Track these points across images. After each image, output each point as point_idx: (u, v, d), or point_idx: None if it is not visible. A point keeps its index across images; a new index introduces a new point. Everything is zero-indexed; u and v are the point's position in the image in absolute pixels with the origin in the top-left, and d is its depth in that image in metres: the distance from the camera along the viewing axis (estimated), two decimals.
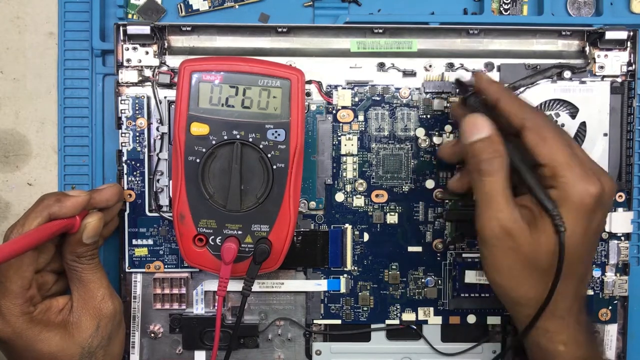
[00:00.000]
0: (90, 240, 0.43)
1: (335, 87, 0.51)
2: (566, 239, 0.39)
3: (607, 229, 0.51)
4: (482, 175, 0.41)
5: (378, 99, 0.51)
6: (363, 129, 0.51)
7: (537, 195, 0.39)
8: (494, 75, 0.51)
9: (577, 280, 0.41)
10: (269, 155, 0.44)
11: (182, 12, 0.53)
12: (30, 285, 0.42)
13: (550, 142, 0.40)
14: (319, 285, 0.51)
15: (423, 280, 0.52)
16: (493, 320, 0.52)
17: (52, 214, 0.41)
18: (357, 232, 0.51)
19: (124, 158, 0.50)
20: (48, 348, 0.42)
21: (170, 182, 0.49)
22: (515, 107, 0.42)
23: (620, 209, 0.51)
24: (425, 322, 0.52)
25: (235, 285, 0.50)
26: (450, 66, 0.51)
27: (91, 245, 0.44)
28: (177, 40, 0.51)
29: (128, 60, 0.49)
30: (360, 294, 0.52)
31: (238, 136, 0.44)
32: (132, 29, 0.49)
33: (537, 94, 0.50)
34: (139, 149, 0.50)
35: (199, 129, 0.44)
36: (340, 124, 0.51)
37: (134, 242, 0.50)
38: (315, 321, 0.52)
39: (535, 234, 0.40)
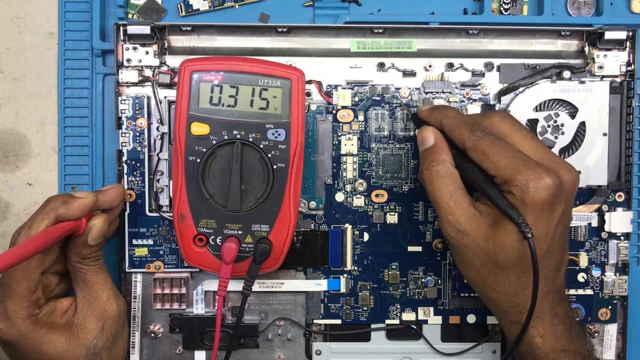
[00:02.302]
0: (96, 242, 0.44)
1: (335, 87, 0.51)
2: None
3: (607, 228, 0.51)
4: (427, 184, 0.43)
5: (378, 99, 0.51)
6: (363, 129, 0.51)
7: (498, 206, 0.40)
8: (494, 75, 0.51)
9: (549, 274, 0.42)
10: (269, 155, 0.44)
11: (182, 12, 0.53)
12: (37, 288, 0.42)
13: (490, 154, 0.41)
14: (319, 285, 0.51)
15: (423, 280, 0.52)
16: (493, 320, 0.52)
17: (59, 216, 0.41)
18: (357, 232, 0.51)
19: (124, 158, 0.50)
20: (53, 349, 0.42)
21: (171, 182, 0.49)
22: (455, 129, 0.43)
23: (619, 209, 0.51)
24: (425, 322, 0.52)
25: (235, 285, 0.50)
26: (450, 66, 0.51)
27: (96, 246, 0.44)
28: (177, 40, 0.51)
29: (128, 60, 0.49)
30: (360, 293, 0.52)
31: (238, 136, 0.44)
32: (132, 29, 0.49)
33: (536, 94, 0.50)
34: (139, 149, 0.50)
35: (199, 128, 0.44)
36: (340, 124, 0.51)
37: (134, 242, 0.50)
38: (315, 321, 0.52)
39: (496, 231, 0.40)
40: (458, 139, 0.43)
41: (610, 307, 0.52)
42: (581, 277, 0.52)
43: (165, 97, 0.50)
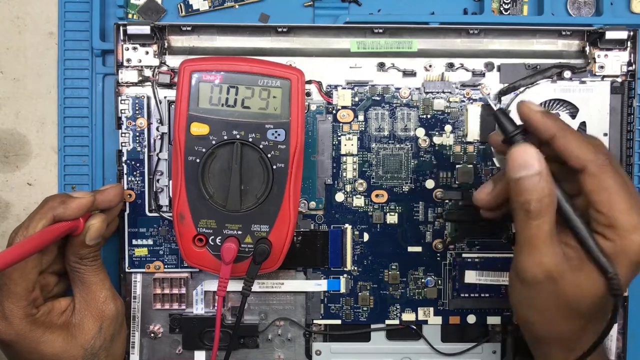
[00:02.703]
0: (94, 242, 0.44)
1: (335, 87, 0.51)
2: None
3: None
4: (529, 218, 0.37)
5: (378, 99, 0.51)
6: (363, 129, 0.51)
7: (592, 253, 0.37)
8: (494, 75, 0.51)
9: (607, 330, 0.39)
10: (269, 155, 0.44)
11: (182, 12, 0.53)
12: (34, 288, 0.42)
13: (612, 191, 0.36)
14: (319, 285, 0.51)
15: (423, 280, 0.52)
16: (493, 320, 0.52)
17: (57, 216, 0.41)
18: (357, 232, 0.51)
19: (124, 158, 0.50)
20: (51, 350, 0.42)
21: (170, 182, 0.49)
22: (575, 146, 0.38)
23: None
24: (425, 322, 0.52)
25: (235, 285, 0.50)
26: (450, 66, 0.51)
27: (94, 246, 0.44)
28: (177, 40, 0.51)
29: (128, 60, 0.49)
30: (360, 294, 0.52)
31: (238, 136, 0.44)
32: (132, 29, 0.48)
33: (537, 94, 0.50)
34: (139, 149, 0.50)
35: (199, 129, 0.44)
36: (340, 124, 0.51)
37: (134, 242, 0.50)
38: (315, 321, 0.52)
39: (578, 277, 0.37)
40: (576, 159, 0.37)
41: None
42: None
43: (165, 97, 0.50)
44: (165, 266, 0.51)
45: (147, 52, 0.49)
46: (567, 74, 0.50)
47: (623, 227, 0.36)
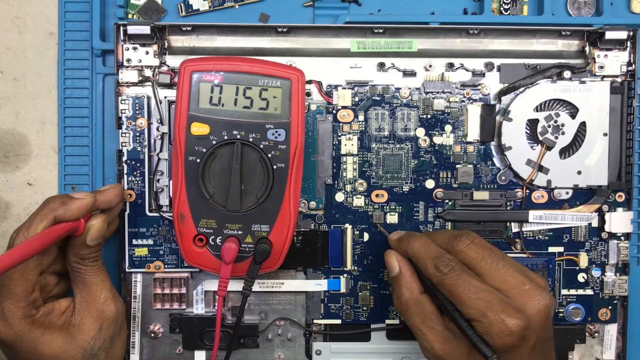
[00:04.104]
0: (94, 242, 0.44)
1: (335, 87, 0.51)
2: None
3: (606, 228, 0.51)
4: (400, 313, 0.44)
5: (378, 99, 0.51)
6: (363, 129, 0.51)
7: (470, 340, 0.39)
8: (494, 75, 0.51)
9: None
10: (269, 155, 0.44)
11: (182, 12, 0.53)
12: (34, 289, 0.42)
13: (454, 293, 0.40)
14: (319, 285, 0.51)
15: None
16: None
17: (58, 217, 0.41)
18: (357, 232, 0.51)
19: (124, 158, 0.50)
20: (50, 350, 0.42)
21: (170, 182, 0.49)
22: (420, 262, 0.43)
23: (620, 209, 0.51)
24: None
25: (235, 285, 0.50)
26: (450, 66, 0.51)
27: (95, 247, 0.44)
28: (177, 40, 0.51)
29: (128, 60, 0.49)
30: (360, 293, 0.52)
31: (238, 136, 0.44)
32: (132, 29, 0.49)
33: (537, 94, 0.50)
34: (139, 149, 0.50)
35: (199, 129, 0.44)
36: (340, 124, 0.51)
37: (134, 242, 0.50)
38: (315, 321, 0.52)
39: (473, 353, 0.40)
40: (424, 272, 0.43)
41: (610, 307, 0.52)
42: (581, 277, 0.52)
43: (165, 97, 0.50)
44: (166, 266, 0.51)
45: (147, 52, 0.49)
46: (567, 74, 0.50)
47: (477, 321, 0.39)
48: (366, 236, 0.51)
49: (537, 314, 0.39)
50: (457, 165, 0.51)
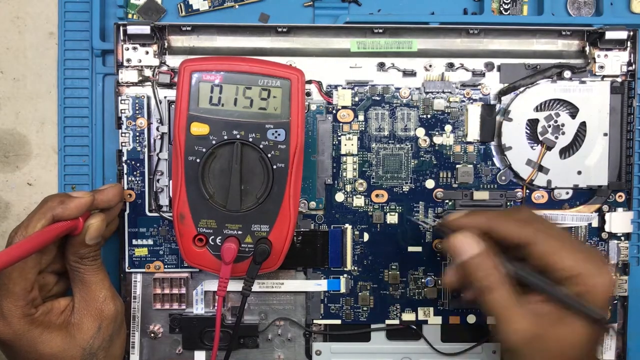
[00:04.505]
0: (93, 241, 0.43)
1: (335, 87, 0.51)
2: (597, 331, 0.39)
3: (607, 229, 0.51)
4: (484, 294, 0.41)
5: (378, 99, 0.51)
6: (363, 128, 0.51)
7: (573, 305, 0.39)
8: (495, 75, 0.51)
9: None
10: (269, 155, 0.44)
11: (182, 12, 0.53)
12: (33, 288, 0.42)
13: (556, 249, 0.40)
14: (319, 285, 0.51)
15: (423, 280, 0.52)
16: (493, 320, 0.52)
17: (56, 216, 0.41)
18: (357, 232, 0.51)
19: (124, 158, 0.50)
20: (49, 349, 0.42)
21: (170, 182, 0.49)
22: (510, 228, 0.42)
23: (620, 209, 0.51)
24: (425, 322, 0.52)
25: (235, 285, 0.50)
26: (450, 66, 0.51)
27: (94, 246, 0.44)
28: (177, 40, 0.51)
29: (128, 60, 0.49)
30: (360, 294, 0.52)
31: (238, 136, 0.44)
32: (132, 29, 0.49)
33: (537, 93, 0.50)
34: (139, 148, 0.50)
35: (199, 129, 0.44)
36: (340, 124, 0.51)
37: (134, 242, 0.50)
38: (315, 321, 0.52)
39: (560, 329, 0.40)
40: (517, 237, 0.41)
41: (610, 307, 0.52)
42: None
43: (165, 97, 0.50)
44: (165, 266, 0.51)
45: (147, 52, 0.49)
46: (567, 74, 0.50)
47: (585, 277, 0.39)
48: (366, 236, 0.51)
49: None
50: (457, 165, 0.51)
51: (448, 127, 0.51)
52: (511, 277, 0.41)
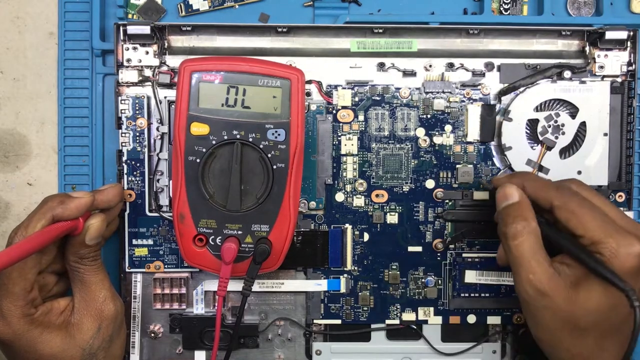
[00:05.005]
0: (93, 241, 0.43)
1: (335, 87, 0.51)
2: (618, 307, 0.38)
3: None
4: (508, 239, 0.42)
5: (378, 99, 0.51)
6: (363, 129, 0.51)
7: (600, 273, 0.38)
8: (495, 75, 0.51)
9: (624, 340, 0.40)
10: (269, 155, 0.44)
11: (182, 12, 0.53)
12: (32, 288, 0.42)
13: (580, 214, 0.40)
14: (319, 285, 0.51)
15: (423, 280, 0.52)
16: (493, 320, 0.52)
17: (56, 216, 0.41)
18: (357, 232, 0.51)
19: (124, 158, 0.50)
20: (49, 349, 0.42)
21: (170, 182, 0.49)
22: (539, 188, 0.43)
23: (620, 209, 0.51)
24: (425, 322, 0.52)
25: (235, 285, 0.50)
26: (450, 66, 0.51)
27: (94, 246, 0.44)
28: (177, 40, 0.51)
29: (128, 60, 0.49)
30: (360, 294, 0.52)
31: (238, 136, 0.44)
32: (132, 29, 0.49)
33: (537, 93, 0.50)
34: (139, 149, 0.50)
35: (199, 129, 0.44)
36: (340, 124, 0.51)
37: (134, 242, 0.50)
38: (315, 321, 0.52)
39: (577, 293, 0.40)
40: (544, 198, 0.43)
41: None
42: None
43: (165, 97, 0.50)
44: (166, 266, 0.51)
45: (147, 52, 0.50)
46: (567, 74, 0.50)
47: (603, 243, 0.39)
48: (366, 236, 0.51)
49: None
50: (457, 165, 0.51)
51: (448, 127, 0.51)
52: (544, 234, 0.42)
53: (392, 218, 0.51)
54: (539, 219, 0.42)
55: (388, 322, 0.52)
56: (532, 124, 0.50)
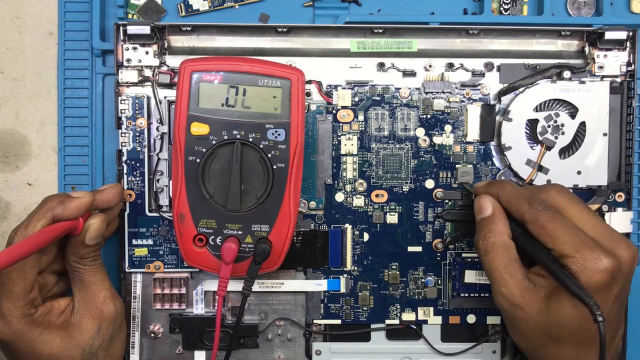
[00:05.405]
0: (93, 241, 0.43)
1: (335, 87, 0.51)
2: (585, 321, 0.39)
3: None
4: (482, 254, 0.43)
5: (378, 99, 0.51)
6: (363, 129, 0.51)
7: (567, 287, 0.38)
8: (494, 75, 0.51)
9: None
10: (269, 155, 0.44)
11: (182, 12, 0.53)
12: (32, 288, 0.42)
13: (549, 228, 0.40)
14: (319, 285, 0.51)
15: (423, 280, 0.52)
16: (493, 320, 0.52)
17: (56, 216, 0.41)
18: (357, 232, 0.51)
19: (124, 158, 0.50)
20: (49, 350, 0.42)
21: (170, 182, 0.49)
22: (512, 201, 0.44)
23: (620, 209, 0.51)
24: (425, 322, 0.52)
25: (235, 285, 0.50)
26: (450, 66, 0.51)
27: (94, 246, 0.44)
28: (177, 40, 0.51)
29: (128, 60, 0.49)
30: (360, 294, 0.52)
31: (238, 136, 0.44)
32: (132, 29, 0.49)
33: (536, 94, 0.50)
34: (139, 149, 0.50)
35: (199, 129, 0.44)
36: (340, 124, 0.51)
37: (134, 242, 0.50)
38: (315, 321, 0.52)
39: (550, 304, 0.40)
40: (516, 212, 0.43)
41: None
42: None
43: (165, 97, 0.50)
44: (165, 266, 0.51)
45: (147, 52, 0.50)
46: (566, 74, 0.50)
47: (570, 257, 0.39)
48: (366, 236, 0.51)
49: (626, 261, 0.40)
50: (457, 165, 0.51)
51: (448, 127, 0.51)
52: (519, 244, 0.43)
53: (392, 218, 0.51)
54: (514, 229, 0.43)
55: (388, 322, 0.52)
56: (532, 124, 0.50)
